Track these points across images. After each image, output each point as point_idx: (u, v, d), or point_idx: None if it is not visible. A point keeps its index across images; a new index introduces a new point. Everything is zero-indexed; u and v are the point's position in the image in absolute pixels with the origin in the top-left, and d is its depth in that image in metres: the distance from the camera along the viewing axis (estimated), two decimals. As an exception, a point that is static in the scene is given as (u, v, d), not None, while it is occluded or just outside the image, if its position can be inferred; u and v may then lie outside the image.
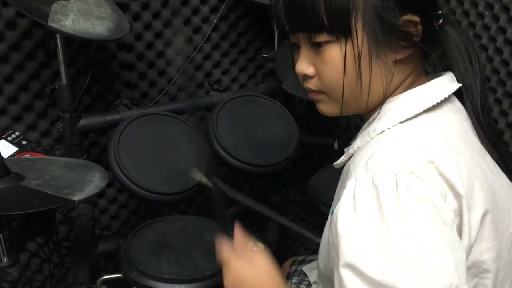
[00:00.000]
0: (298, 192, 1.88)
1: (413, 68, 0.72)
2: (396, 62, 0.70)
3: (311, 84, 0.74)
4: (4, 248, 0.91)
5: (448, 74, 0.75)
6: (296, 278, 1.11)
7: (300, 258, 1.18)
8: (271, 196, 1.77)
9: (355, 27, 0.66)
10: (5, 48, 1.32)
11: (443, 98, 0.70)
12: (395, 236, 0.60)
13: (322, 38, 0.69)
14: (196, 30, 1.60)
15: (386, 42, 0.67)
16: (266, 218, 1.55)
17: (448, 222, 0.62)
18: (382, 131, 0.70)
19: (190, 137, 1.36)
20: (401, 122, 0.69)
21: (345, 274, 0.62)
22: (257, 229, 0.85)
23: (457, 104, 0.75)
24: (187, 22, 1.57)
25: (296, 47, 0.75)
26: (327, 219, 0.80)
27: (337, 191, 0.79)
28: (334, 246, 0.65)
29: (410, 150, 0.65)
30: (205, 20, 1.61)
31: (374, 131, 0.70)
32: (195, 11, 1.58)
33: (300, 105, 1.65)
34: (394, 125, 0.69)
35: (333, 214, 0.67)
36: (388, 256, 0.59)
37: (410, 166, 0.62)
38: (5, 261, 0.93)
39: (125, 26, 1.30)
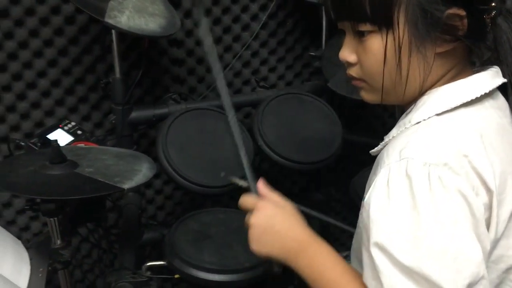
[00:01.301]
0: (340, 190, 1.87)
1: (456, 61, 0.72)
2: (438, 55, 0.69)
3: (353, 72, 0.76)
4: (58, 230, 0.97)
5: (493, 68, 0.74)
6: None
7: (344, 254, 1.18)
8: (313, 193, 1.78)
9: (397, 18, 0.67)
10: (64, 42, 1.39)
11: (483, 93, 0.70)
12: (426, 226, 0.61)
13: (364, 27, 0.69)
14: (245, 27, 1.63)
15: (428, 36, 0.67)
16: (307, 215, 1.56)
17: (477, 215, 0.62)
18: (418, 122, 0.70)
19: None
20: (437, 115, 0.69)
21: (375, 253, 0.63)
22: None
23: (499, 100, 0.74)
24: (236, 19, 1.60)
25: (343, 34, 0.76)
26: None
27: (369, 178, 0.79)
28: (365, 230, 0.67)
29: (444, 142, 0.65)
30: (254, 17, 1.63)
31: (410, 121, 0.71)
32: (244, 9, 1.60)
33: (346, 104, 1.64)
34: (430, 117, 0.69)
35: (365, 200, 0.68)
36: (418, 244, 0.61)
37: (443, 158, 0.63)
38: (58, 243, 0.98)
39: (176, 23, 1.34)
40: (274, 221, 0.78)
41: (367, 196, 0.68)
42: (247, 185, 0.86)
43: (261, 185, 0.84)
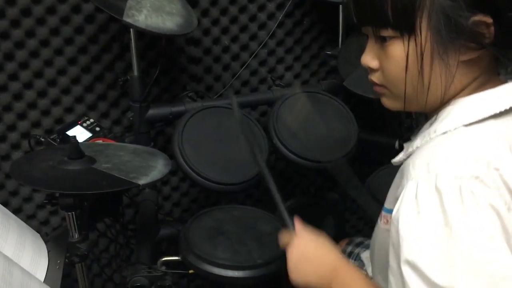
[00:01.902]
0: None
1: (482, 70, 0.69)
2: (462, 63, 0.67)
3: (375, 77, 0.75)
4: (75, 225, 0.98)
5: None
6: (353, 261, 1.11)
7: (358, 240, 1.17)
8: (328, 193, 1.78)
9: (420, 25, 0.65)
10: (84, 40, 1.42)
11: None
12: (459, 242, 0.59)
13: (387, 33, 0.68)
14: (262, 26, 1.63)
15: (452, 43, 0.65)
16: (322, 213, 1.56)
17: (509, 231, 0.60)
18: (444, 133, 0.68)
19: (251, 130, 1.39)
20: (464, 126, 0.67)
21: (406, 272, 0.62)
22: (313, 224, 0.88)
23: None
24: (252, 18, 1.61)
25: (366, 37, 0.75)
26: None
27: (392, 188, 0.78)
28: (393, 246, 0.66)
29: (474, 155, 0.63)
30: (271, 16, 1.63)
31: (435, 131, 0.69)
32: (261, 8, 1.61)
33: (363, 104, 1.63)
34: (456, 128, 0.67)
35: (393, 214, 0.67)
36: (451, 262, 0.59)
37: (474, 171, 0.61)
38: (76, 237, 1.00)
39: (193, 21, 1.35)
40: (307, 252, 0.82)
41: (395, 211, 0.66)
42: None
43: (297, 222, 0.86)
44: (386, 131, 1.85)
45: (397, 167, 0.79)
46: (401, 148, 0.80)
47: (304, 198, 1.80)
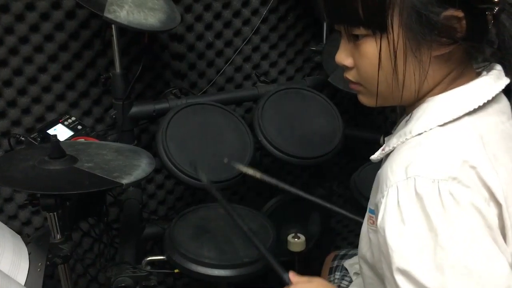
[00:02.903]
0: (341, 185, 1.87)
1: (456, 64, 0.69)
2: (435, 58, 0.67)
3: (350, 75, 0.75)
4: (57, 225, 0.97)
5: (495, 69, 0.71)
6: (338, 273, 1.12)
7: (342, 252, 1.18)
8: (314, 188, 1.78)
9: (391, 22, 0.65)
10: (65, 37, 1.39)
11: (486, 101, 0.67)
12: (445, 245, 0.59)
13: (359, 31, 0.68)
14: (246, 22, 1.62)
15: (424, 39, 0.65)
16: (308, 209, 1.57)
17: (493, 227, 0.61)
18: (419, 134, 0.68)
19: (236, 127, 1.38)
20: (439, 126, 0.67)
21: (400, 280, 0.62)
22: (299, 221, 0.88)
23: (502, 102, 0.71)
24: (236, 14, 1.60)
25: (340, 35, 0.75)
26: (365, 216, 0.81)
27: (373, 190, 0.78)
28: (384, 256, 0.66)
29: (450, 156, 0.64)
30: (255, 12, 1.62)
31: (411, 132, 0.69)
32: (245, 4, 1.60)
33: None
34: (431, 128, 0.67)
35: (378, 223, 0.67)
36: (441, 266, 0.59)
37: (452, 172, 0.61)
38: (58, 237, 0.98)
39: (176, 17, 1.34)
40: None
41: (379, 219, 0.66)
42: (251, 172, 0.89)
43: (292, 275, 0.89)
44: (371, 127, 1.86)
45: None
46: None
47: (290, 194, 1.79)
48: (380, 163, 0.80)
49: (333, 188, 1.83)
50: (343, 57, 0.74)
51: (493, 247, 0.60)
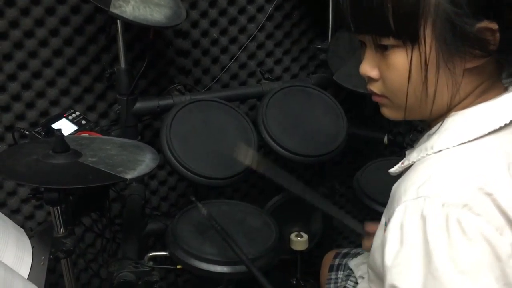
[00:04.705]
0: (344, 184, 1.87)
1: (486, 77, 0.67)
2: (467, 71, 0.65)
3: (375, 87, 0.72)
4: (60, 219, 0.97)
5: None
6: (342, 272, 1.11)
7: (345, 251, 1.17)
8: (317, 187, 1.77)
9: (424, 33, 0.62)
10: (70, 31, 1.39)
11: None
12: (436, 274, 0.57)
13: (388, 41, 0.65)
14: (251, 19, 1.62)
15: (457, 51, 0.62)
16: (310, 207, 1.56)
17: (503, 258, 0.57)
18: (440, 150, 0.66)
19: (240, 124, 1.38)
20: (462, 143, 0.64)
21: None
22: (302, 219, 0.86)
23: None
24: (242, 11, 1.59)
25: (362, 45, 0.72)
26: (372, 212, 0.80)
27: (388, 203, 0.74)
28: (381, 270, 0.65)
29: (466, 180, 0.61)
30: (260, 9, 1.62)
31: (432, 148, 0.67)
32: (250, 1, 1.59)
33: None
34: (454, 146, 0.65)
35: (382, 239, 0.66)
36: None
37: (464, 198, 0.59)
38: (61, 232, 0.98)
39: (182, 13, 1.33)
40: None
41: (384, 236, 0.65)
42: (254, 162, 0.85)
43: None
44: (375, 126, 1.85)
45: (386, 164, 0.78)
46: (390, 143, 0.78)
47: (292, 193, 1.79)
48: (386, 163, 0.79)
49: (335, 187, 1.83)
50: (368, 68, 0.71)
51: (493, 284, 0.57)
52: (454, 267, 0.57)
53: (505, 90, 0.69)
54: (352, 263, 1.10)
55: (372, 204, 1.33)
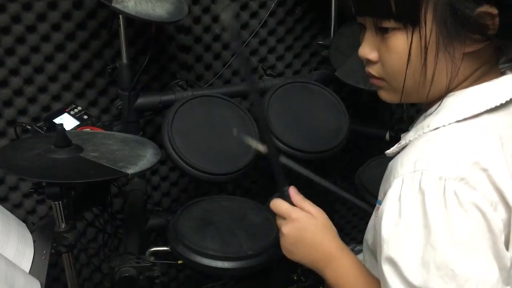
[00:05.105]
0: (346, 181, 1.87)
1: (484, 61, 0.67)
2: (465, 55, 0.65)
3: (373, 70, 0.72)
4: (62, 214, 0.97)
5: None
6: None
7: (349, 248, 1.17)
8: (318, 183, 1.77)
9: (425, 16, 0.63)
10: (72, 26, 1.39)
11: (508, 99, 0.66)
12: (436, 245, 0.59)
13: (388, 24, 0.66)
14: (253, 15, 1.62)
15: (457, 35, 0.63)
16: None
17: (495, 232, 0.59)
18: (436, 128, 0.67)
19: (241, 120, 1.38)
20: (457, 121, 0.65)
21: (386, 269, 0.63)
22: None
23: None
24: (244, 7, 1.59)
25: (362, 28, 0.73)
26: (373, 208, 0.80)
27: (382, 182, 0.77)
28: (378, 244, 0.66)
29: (462, 155, 0.62)
30: (263, 5, 1.62)
31: (428, 126, 0.68)
32: (253, -3, 1.59)
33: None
34: (450, 123, 0.66)
35: (379, 213, 0.67)
36: (427, 264, 0.59)
37: (460, 172, 0.60)
38: (62, 226, 0.98)
39: (184, 9, 1.33)
40: (305, 234, 0.78)
41: (380, 209, 0.66)
42: (262, 149, 0.85)
43: (293, 192, 0.82)
44: (377, 122, 1.85)
45: (388, 159, 0.78)
46: (392, 140, 0.79)
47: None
48: (387, 160, 0.79)
49: (337, 183, 1.82)
50: (368, 50, 0.71)
51: (488, 254, 0.59)
52: (451, 238, 0.58)
53: (502, 75, 0.70)
54: None
55: (374, 201, 1.32)
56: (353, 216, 2.03)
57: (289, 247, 0.80)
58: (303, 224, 0.79)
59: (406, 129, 0.77)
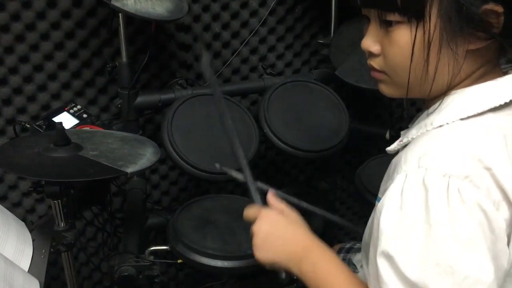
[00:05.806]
0: (345, 180, 1.87)
1: (487, 59, 0.67)
2: (468, 52, 0.65)
3: (375, 63, 0.72)
4: (61, 213, 0.97)
5: None
6: None
7: (348, 245, 1.17)
8: (318, 182, 1.77)
9: (430, 11, 0.62)
10: (71, 25, 1.38)
11: None
12: (437, 241, 0.59)
13: (393, 17, 0.66)
14: (253, 13, 1.61)
15: (461, 31, 0.63)
16: (312, 204, 1.56)
17: (496, 231, 0.60)
18: (440, 126, 0.67)
19: (241, 119, 1.38)
20: (461, 119, 0.65)
21: (381, 263, 0.62)
22: (302, 215, 0.86)
23: None
24: (244, 5, 1.59)
25: (366, 20, 0.72)
26: (373, 208, 0.80)
27: (384, 180, 0.77)
28: (373, 238, 0.66)
29: (467, 153, 0.62)
30: (262, 3, 1.61)
31: (432, 124, 0.67)
32: (253, -5, 1.59)
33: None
34: (453, 121, 0.66)
35: (378, 205, 0.66)
36: (426, 259, 0.59)
37: (465, 170, 0.60)
38: (62, 225, 0.98)
39: (184, 7, 1.33)
40: (276, 227, 0.78)
41: (380, 203, 0.66)
42: (242, 179, 0.87)
43: (270, 195, 0.84)
44: (377, 121, 1.85)
45: (388, 157, 0.78)
46: (391, 138, 0.79)
47: (293, 188, 1.79)
48: (387, 158, 0.79)
49: (337, 182, 1.82)
50: (370, 43, 0.71)
51: (486, 254, 0.59)
52: (453, 235, 0.58)
53: (504, 75, 0.70)
54: (356, 258, 1.10)
55: (374, 200, 1.33)
56: (353, 216, 2.04)
57: (260, 243, 0.78)
58: (273, 217, 0.79)
59: (406, 128, 0.77)
